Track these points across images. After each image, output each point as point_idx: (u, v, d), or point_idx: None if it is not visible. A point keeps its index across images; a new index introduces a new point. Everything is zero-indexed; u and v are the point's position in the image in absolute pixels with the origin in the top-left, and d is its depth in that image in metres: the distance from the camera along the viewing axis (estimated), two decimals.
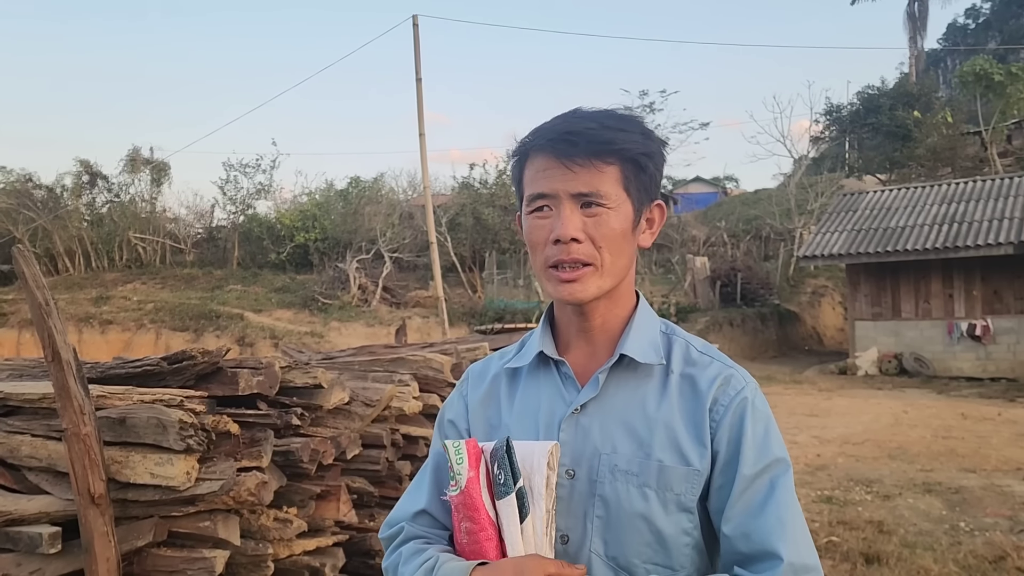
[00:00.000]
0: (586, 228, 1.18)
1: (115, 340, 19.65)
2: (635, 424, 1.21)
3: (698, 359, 1.26)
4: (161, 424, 2.63)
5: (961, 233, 15.50)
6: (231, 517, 2.90)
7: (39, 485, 2.87)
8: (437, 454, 1.35)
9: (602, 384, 1.24)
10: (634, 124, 1.21)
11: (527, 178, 1.23)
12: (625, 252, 1.23)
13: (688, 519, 1.18)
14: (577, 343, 1.30)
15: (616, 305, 1.27)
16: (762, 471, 1.18)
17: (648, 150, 1.22)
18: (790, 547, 1.13)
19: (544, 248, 1.21)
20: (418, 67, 15.47)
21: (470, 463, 1.18)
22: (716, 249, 26.98)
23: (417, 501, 1.32)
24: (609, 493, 1.18)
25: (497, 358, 1.42)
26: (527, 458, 1.17)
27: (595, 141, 1.17)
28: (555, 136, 1.18)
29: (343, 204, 27.87)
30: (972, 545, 5.15)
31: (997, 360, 15.33)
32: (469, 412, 1.36)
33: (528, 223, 1.23)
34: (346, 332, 19.74)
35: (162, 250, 28.37)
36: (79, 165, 28.46)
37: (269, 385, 3.14)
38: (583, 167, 1.17)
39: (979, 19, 58.05)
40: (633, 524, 1.17)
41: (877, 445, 8.75)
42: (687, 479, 1.17)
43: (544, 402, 1.27)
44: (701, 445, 1.19)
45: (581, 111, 1.22)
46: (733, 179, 46.11)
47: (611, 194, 1.19)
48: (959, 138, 26.00)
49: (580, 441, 1.22)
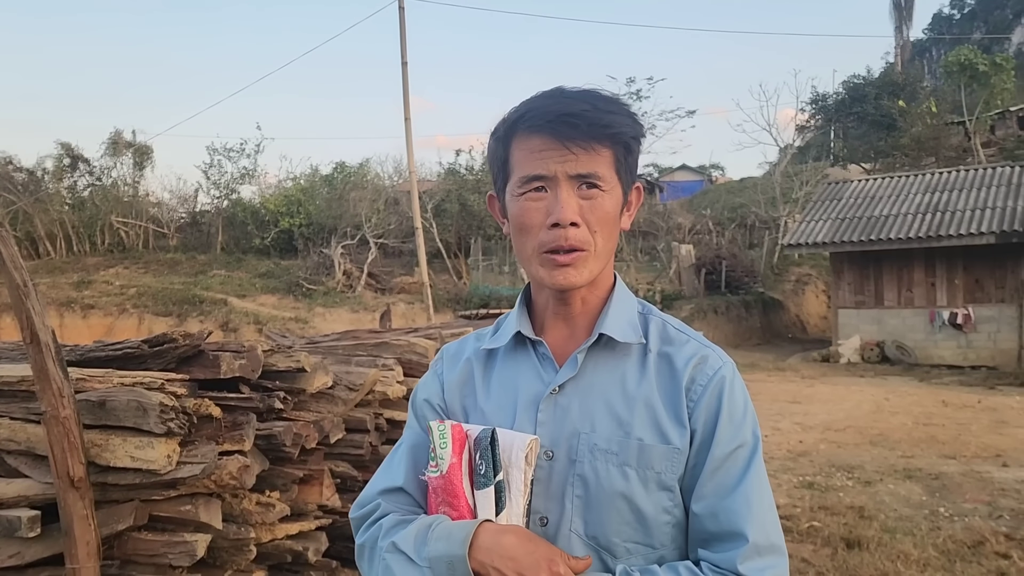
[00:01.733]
0: (582, 212, 1.17)
1: (97, 325, 19.49)
2: (614, 403, 1.20)
3: (675, 336, 1.26)
4: (141, 407, 2.61)
5: (944, 222, 15.61)
6: (213, 501, 2.88)
7: (18, 468, 2.84)
8: (413, 433, 1.33)
9: (581, 363, 1.22)
10: (623, 106, 1.20)
11: (518, 158, 1.20)
12: (614, 236, 1.23)
13: (668, 497, 1.18)
14: (555, 323, 1.28)
15: (596, 287, 1.26)
16: (734, 451, 1.18)
17: (636, 133, 1.21)
18: (755, 529, 1.13)
19: (538, 232, 1.18)
20: (404, 51, 15.36)
21: (453, 448, 1.17)
22: (701, 237, 27.06)
23: (392, 478, 1.30)
24: (588, 472, 1.18)
25: (473, 339, 1.40)
26: (506, 450, 1.16)
27: (595, 124, 1.15)
28: (554, 117, 1.15)
29: (328, 189, 27.74)
30: (951, 530, 5.20)
31: (978, 348, 15.49)
32: (445, 392, 1.34)
33: (519, 205, 1.20)
34: (331, 318, 19.68)
35: (145, 234, 28.13)
36: (60, 148, 28.16)
37: (251, 368, 3.12)
38: (583, 150, 1.15)
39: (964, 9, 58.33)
40: (613, 503, 1.16)
41: (859, 432, 8.83)
42: (667, 457, 1.17)
43: (522, 383, 1.26)
44: (680, 423, 1.18)
45: (566, 90, 1.19)
46: (719, 167, 46.28)
47: (607, 177, 1.18)
48: (943, 128, 26.15)
49: (559, 421, 1.21)
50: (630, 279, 22.73)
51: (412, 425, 1.36)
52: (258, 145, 28.15)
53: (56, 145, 28.24)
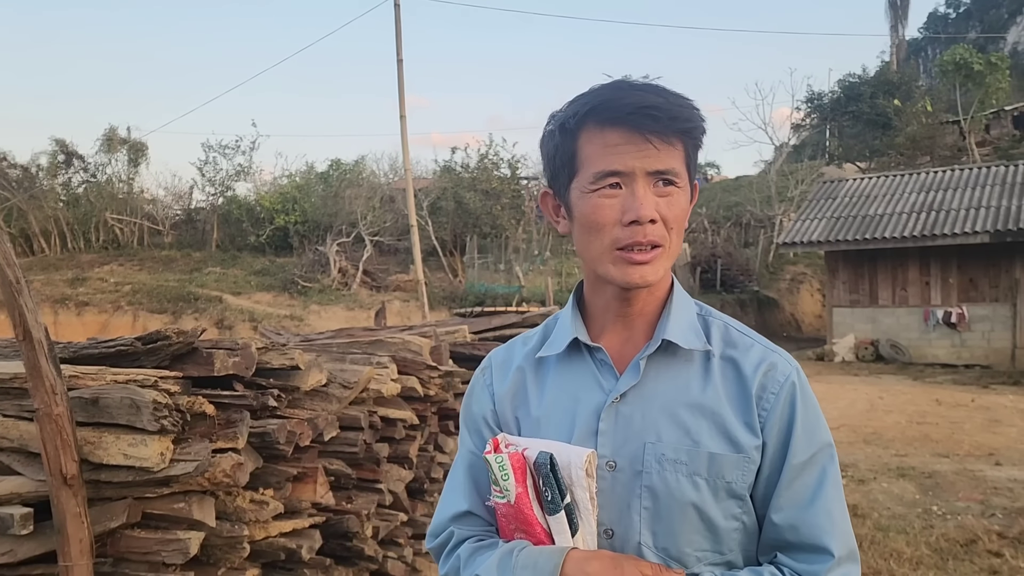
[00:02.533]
0: (659, 208, 1.12)
1: (91, 322, 19.45)
2: (679, 411, 1.16)
3: (739, 340, 1.22)
4: (135, 405, 2.60)
5: (939, 221, 15.65)
6: (206, 499, 2.88)
7: (10, 466, 2.83)
8: (469, 452, 1.29)
9: (643, 370, 1.18)
10: (691, 100, 1.16)
11: (588, 153, 1.14)
12: (683, 233, 1.20)
13: (738, 505, 1.15)
14: (613, 328, 1.23)
15: (657, 288, 1.22)
16: (810, 459, 1.16)
17: (705, 129, 1.18)
18: (839, 543, 1.12)
19: (612, 229, 1.13)
20: (399, 48, 15.34)
21: (516, 478, 1.13)
22: (696, 235, 27.08)
23: (458, 503, 1.27)
24: (657, 483, 1.14)
25: (520, 344, 1.35)
26: (566, 469, 1.13)
27: (675, 118, 1.11)
28: (634, 110, 1.10)
29: (324, 187, 27.71)
30: (944, 528, 5.22)
31: (972, 347, 15.54)
32: (496, 404, 1.29)
33: (591, 202, 1.14)
34: (326, 315, 19.66)
35: (140, 231, 28.08)
36: (55, 144, 28.12)
37: (245, 366, 3.11)
38: (663, 143, 1.11)
39: (960, 8, 58.48)
40: (684, 513, 1.14)
41: (853, 430, 8.85)
42: (738, 466, 1.14)
43: (580, 391, 1.21)
44: (751, 431, 1.15)
45: (634, 82, 1.15)
46: (714, 166, 46.38)
47: (681, 172, 1.15)
48: (938, 127, 26.24)
49: (622, 431, 1.17)
50: None
51: (467, 442, 1.31)
52: (253, 142, 28.16)
53: (51, 141, 28.25)
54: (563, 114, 1.18)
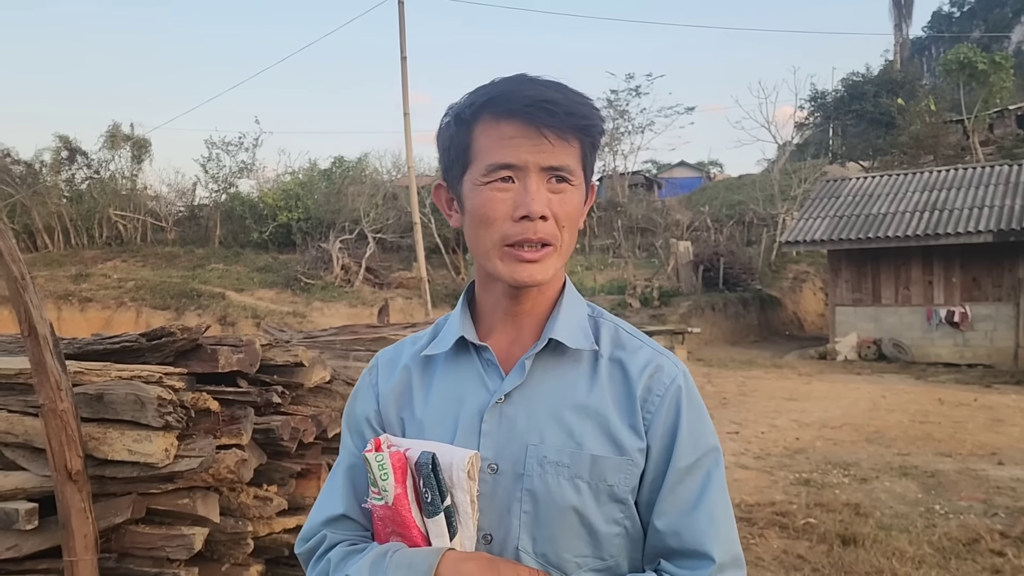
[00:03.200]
0: (551, 205, 1.09)
1: (95, 318, 19.49)
2: (564, 413, 1.13)
3: (627, 342, 1.20)
4: (139, 400, 2.61)
5: (942, 220, 15.63)
6: (210, 495, 2.89)
7: (15, 461, 2.84)
8: (349, 453, 1.25)
9: (528, 370, 1.15)
10: (590, 100, 1.13)
11: (482, 145, 1.11)
12: (576, 232, 1.16)
13: (620, 509, 1.12)
14: (502, 327, 1.20)
15: (547, 287, 1.19)
16: (695, 464, 1.13)
17: (603, 129, 1.15)
18: (720, 548, 1.10)
19: (503, 224, 1.10)
20: (403, 45, 15.35)
21: (396, 478, 1.09)
22: (699, 234, 27.06)
23: (333, 506, 1.22)
24: (538, 487, 1.10)
25: (409, 343, 1.30)
26: (447, 470, 1.09)
27: (571, 113, 1.08)
28: (531, 103, 1.07)
29: (326, 184, 27.72)
30: (947, 528, 5.22)
31: (974, 347, 15.52)
32: (380, 404, 1.24)
33: (482, 195, 1.11)
34: (329, 312, 19.68)
35: (143, 228, 28.12)
36: (58, 140, 28.16)
37: (249, 363, 3.12)
38: (558, 139, 1.08)
39: (964, 7, 58.34)
40: (564, 518, 1.10)
41: (855, 429, 8.85)
42: (621, 469, 1.11)
43: (465, 392, 1.17)
44: (635, 434, 1.13)
45: (535, 78, 1.11)
46: (717, 164, 46.29)
47: (575, 170, 1.12)
48: (942, 126, 26.18)
49: (505, 432, 1.13)
50: (627, 275, 22.76)
51: (348, 444, 1.26)
52: (256, 139, 28.19)
53: (54, 138, 28.28)
54: (460, 105, 1.14)
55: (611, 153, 33.61)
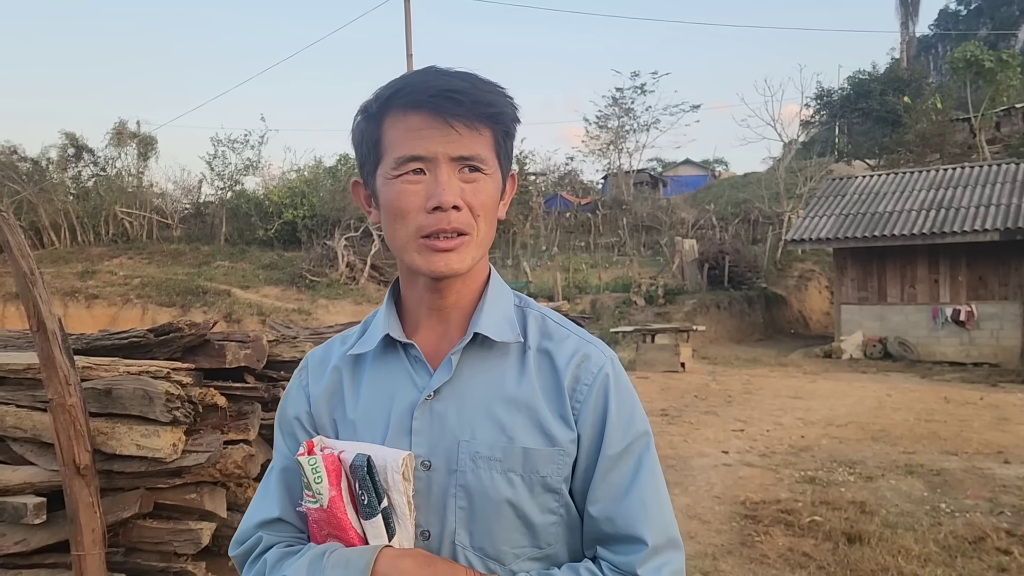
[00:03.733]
0: (464, 195, 1.08)
1: (101, 315, 19.56)
2: (494, 407, 1.13)
3: (555, 332, 1.19)
4: (147, 395, 2.62)
5: (948, 219, 15.59)
6: (218, 489, 2.90)
7: (24, 456, 2.85)
8: (283, 456, 1.23)
9: (456, 366, 1.14)
10: (502, 89, 1.13)
11: (392, 138, 1.10)
12: (494, 223, 1.16)
13: (554, 499, 1.13)
14: (428, 323, 1.19)
15: (471, 280, 1.18)
16: (625, 450, 1.14)
17: (516, 117, 1.14)
18: (653, 531, 1.11)
19: (416, 216, 1.09)
20: (409, 43, 15.37)
21: (330, 481, 1.08)
22: (704, 232, 27.04)
23: (268, 509, 1.20)
24: (472, 482, 1.11)
25: (339, 343, 1.28)
26: (382, 472, 1.08)
27: (479, 102, 1.08)
28: (436, 93, 1.06)
29: (332, 181, 27.76)
30: (952, 526, 5.21)
31: (980, 345, 15.48)
32: (312, 405, 1.22)
33: (394, 188, 1.10)
34: (334, 310, 19.72)
35: (149, 225, 28.19)
36: (65, 138, 28.27)
37: (256, 358, 3.13)
38: (467, 128, 1.08)
39: (971, 5, 58.13)
40: (500, 511, 1.11)
41: (860, 427, 8.83)
42: (552, 460, 1.12)
43: (394, 390, 1.16)
44: (565, 424, 1.13)
45: (442, 69, 1.11)
46: (723, 162, 46.38)
47: (488, 159, 1.11)
48: (948, 124, 26.11)
49: (436, 429, 1.12)
50: (632, 273, 22.75)
51: (280, 447, 1.24)
52: (262, 136, 28.37)
53: (60, 135, 28.39)
54: (369, 100, 1.14)
55: (616, 151, 33.60)
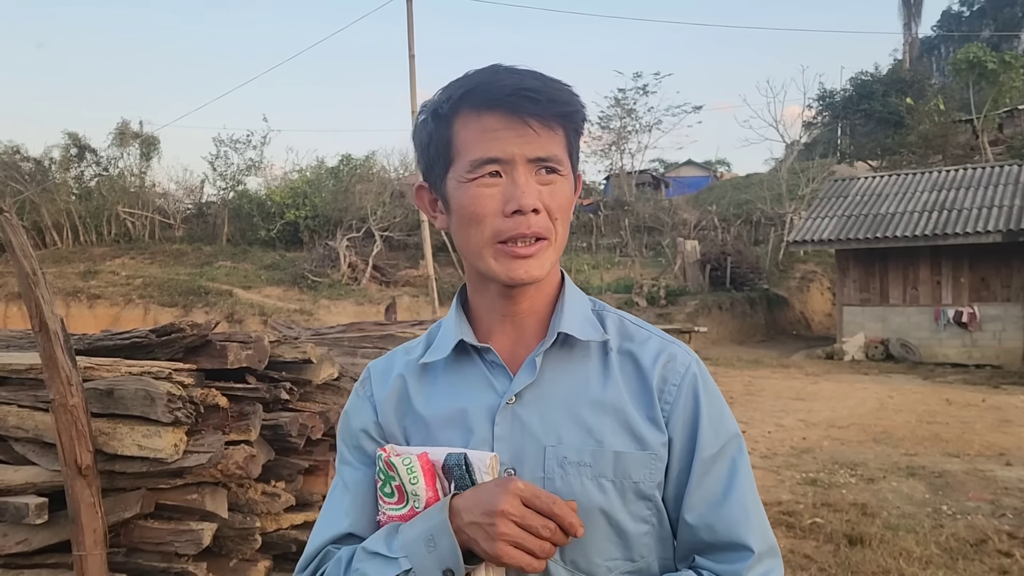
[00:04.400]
0: (542, 197, 1.04)
1: (103, 315, 19.57)
2: (580, 410, 1.08)
3: (635, 333, 1.16)
4: (149, 396, 2.62)
5: (950, 220, 15.56)
6: (219, 490, 2.90)
7: (26, 456, 2.86)
8: (351, 469, 1.17)
9: (539, 368, 1.09)
10: (570, 87, 1.09)
11: (465, 140, 1.05)
12: (568, 224, 1.11)
13: (647, 507, 1.08)
14: (501, 329, 1.14)
15: (545, 284, 1.13)
16: (719, 452, 1.10)
17: (586, 116, 1.11)
18: (757, 537, 1.06)
19: (493, 220, 1.04)
20: (411, 44, 15.36)
21: (426, 481, 1.04)
22: (706, 233, 27.01)
23: (336, 525, 1.14)
24: (561, 489, 1.04)
25: (402, 353, 1.23)
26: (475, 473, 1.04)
27: (554, 100, 1.04)
28: (512, 92, 1.02)
29: (334, 182, 27.75)
30: (954, 528, 5.20)
31: (983, 347, 15.45)
32: (379, 414, 1.17)
33: (469, 192, 1.05)
34: (336, 310, 19.72)
35: (151, 225, 28.20)
36: (67, 138, 28.28)
37: (258, 359, 3.13)
38: (543, 128, 1.04)
39: (974, 7, 58.07)
40: (592, 520, 1.04)
41: (862, 429, 8.82)
42: (645, 464, 1.07)
43: (471, 395, 1.11)
44: (655, 426, 1.08)
45: (509, 67, 1.07)
46: (725, 163, 46.30)
47: (563, 159, 1.07)
48: (951, 126, 26.06)
49: (519, 435, 1.07)
50: (634, 274, 22.74)
51: (347, 459, 1.18)
52: (264, 137, 28.30)
53: (63, 135, 28.38)
54: (436, 100, 1.09)
55: (618, 152, 33.56)
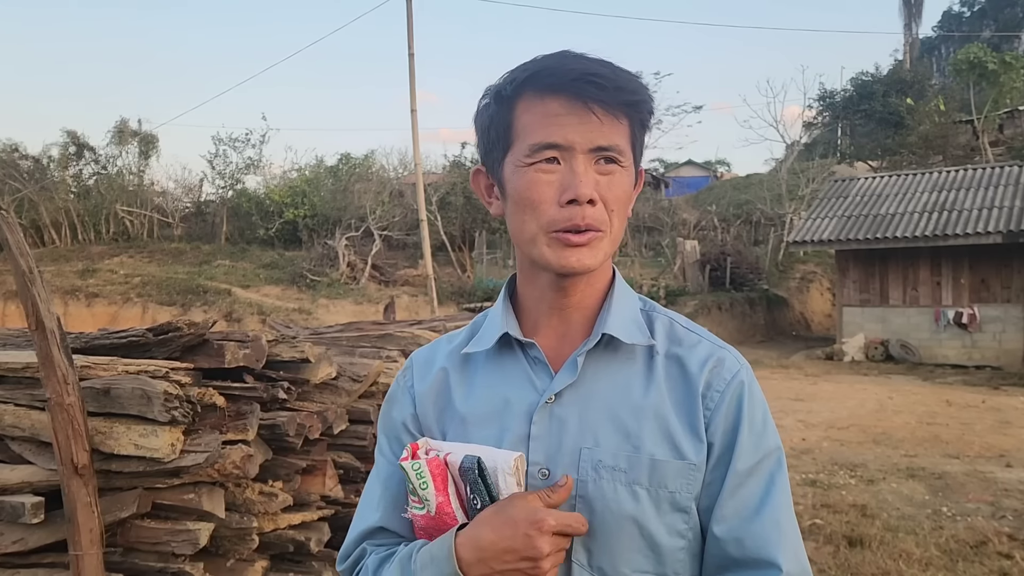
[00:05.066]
0: (599, 188, 1.02)
1: (101, 313, 19.54)
2: (620, 413, 1.05)
3: (684, 337, 1.12)
4: (146, 395, 2.60)
5: (951, 221, 15.56)
6: (216, 490, 2.88)
7: (22, 455, 2.84)
8: (387, 461, 1.17)
9: (581, 368, 1.06)
10: (639, 77, 1.06)
11: (525, 123, 1.03)
12: (625, 217, 1.08)
13: (683, 519, 1.04)
14: (548, 323, 1.12)
15: (596, 279, 1.11)
16: (757, 465, 1.05)
17: (652, 108, 1.07)
18: (788, 556, 1.02)
19: (549, 208, 1.02)
20: (410, 43, 15.34)
21: (436, 485, 1.03)
22: (706, 233, 27.02)
23: (370, 518, 1.15)
24: (593, 493, 1.02)
25: (445, 342, 1.22)
26: (492, 474, 1.01)
27: (621, 88, 1.01)
28: (578, 76, 0.99)
29: (333, 181, 27.73)
30: (954, 530, 5.19)
31: (983, 348, 15.45)
32: (417, 405, 1.16)
33: (526, 177, 1.03)
34: (334, 309, 19.69)
35: (150, 224, 28.16)
36: (66, 136, 28.22)
37: (256, 358, 3.11)
38: (607, 115, 1.01)
39: (974, 7, 58.09)
40: (622, 528, 1.02)
41: (862, 430, 8.82)
42: (682, 474, 1.03)
43: (510, 391, 1.09)
44: (696, 436, 1.04)
45: (578, 53, 1.04)
46: (725, 163, 46.29)
47: (625, 151, 1.04)
48: (951, 126, 26.07)
49: (556, 435, 1.05)
50: (634, 274, 22.72)
51: (385, 451, 1.18)
52: (263, 136, 28.19)
53: (62, 133, 28.36)
54: (499, 83, 1.07)
55: None
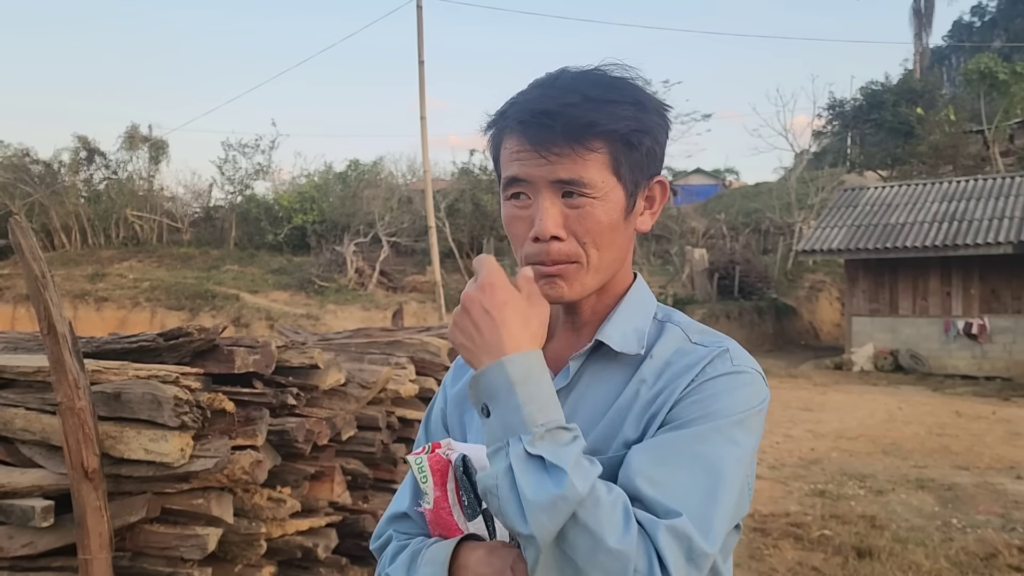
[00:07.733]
0: (568, 223, 1.03)
1: (110, 317, 19.61)
2: (606, 416, 1.08)
3: (687, 349, 1.11)
4: (156, 400, 2.61)
5: (961, 231, 15.48)
6: (225, 495, 2.89)
7: (32, 458, 2.85)
8: None
9: (574, 373, 1.10)
10: (626, 93, 1.05)
11: (503, 158, 1.07)
12: (616, 244, 1.08)
13: None
14: (562, 333, 1.17)
15: (606, 294, 1.13)
16: (689, 420, 1.01)
17: (641, 125, 1.05)
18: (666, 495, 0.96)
19: (524, 243, 1.06)
20: (421, 50, 15.38)
21: (435, 481, 1.08)
22: (715, 241, 26.96)
23: (399, 503, 1.24)
24: None
25: None
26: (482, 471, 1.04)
27: (575, 124, 0.99)
28: (526, 116, 1.01)
29: (342, 187, 27.80)
30: (964, 542, 5.16)
31: (993, 359, 15.36)
32: (448, 406, 1.26)
33: (507, 211, 1.07)
34: (342, 315, 19.71)
35: (159, 228, 28.28)
36: (77, 141, 28.37)
37: (265, 364, 3.12)
38: (562, 153, 1.00)
39: (985, 17, 57.98)
40: None
41: (871, 441, 8.77)
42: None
43: None
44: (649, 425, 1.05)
45: (564, 77, 1.04)
46: (734, 171, 46.18)
47: (596, 182, 1.02)
48: (961, 136, 25.97)
49: None
50: None
51: (422, 442, 1.26)
52: (273, 141, 28.29)
53: (73, 138, 28.46)
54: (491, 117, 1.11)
55: None
